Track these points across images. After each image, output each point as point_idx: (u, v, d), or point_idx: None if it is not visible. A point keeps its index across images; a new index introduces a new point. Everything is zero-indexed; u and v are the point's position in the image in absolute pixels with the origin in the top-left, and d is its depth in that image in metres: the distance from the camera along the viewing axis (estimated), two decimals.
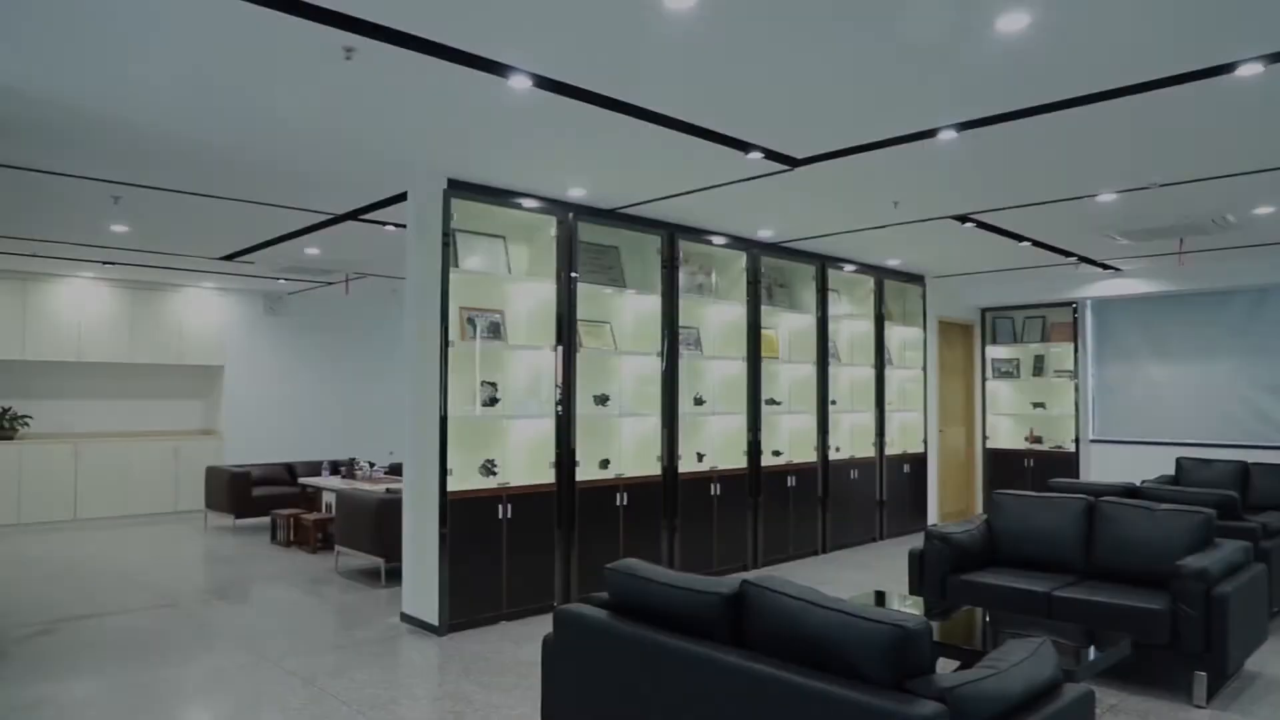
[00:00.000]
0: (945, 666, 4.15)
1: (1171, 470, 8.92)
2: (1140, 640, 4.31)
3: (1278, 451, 8.92)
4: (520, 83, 3.86)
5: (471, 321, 5.92)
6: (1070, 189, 5.85)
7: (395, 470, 9.20)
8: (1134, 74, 3.79)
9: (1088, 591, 4.64)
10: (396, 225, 6.97)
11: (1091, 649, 3.81)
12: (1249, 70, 3.71)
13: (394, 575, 6.88)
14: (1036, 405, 10.77)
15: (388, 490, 7.18)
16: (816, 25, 3.30)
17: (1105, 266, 9.22)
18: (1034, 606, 4.69)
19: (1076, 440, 10.25)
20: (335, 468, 9.51)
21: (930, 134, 4.63)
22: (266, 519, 9.51)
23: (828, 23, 3.28)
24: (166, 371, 10.99)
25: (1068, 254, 8.43)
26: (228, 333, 11.21)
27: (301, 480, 9.32)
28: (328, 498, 8.54)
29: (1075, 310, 10.33)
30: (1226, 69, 3.71)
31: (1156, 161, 5.18)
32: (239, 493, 9.39)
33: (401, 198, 6.05)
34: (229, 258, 8.64)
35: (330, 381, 12.05)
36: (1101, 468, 10.14)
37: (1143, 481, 7.68)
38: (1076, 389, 10.29)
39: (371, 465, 9.01)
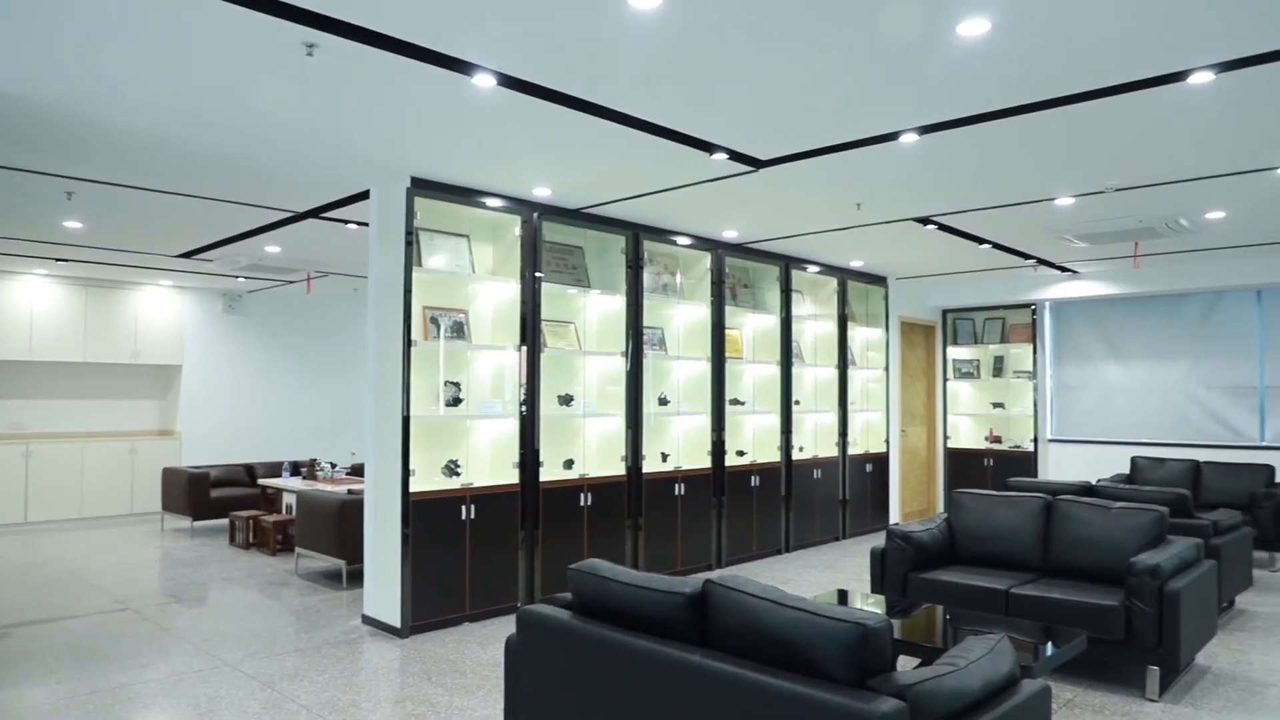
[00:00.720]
0: (907, 664, 4.21)
1: (1127, 469, 9.11)
2: (1096, 636, 4.40)
3: (1229, 451, 9.14)
4: (484, 81, 3.84)
5: (435, 321, 5.88)
6: (1029, 193, 5.94)
7: (357, 471, 9.12)
8: (1090, 80, 3.85)
9: (1045, 589, 4.71)
10: (359, 223, 6.91)
11: (1049, 645, 3.87)
12: (1200, 78, 3.79)
13: (355, 577, 6.82)
14: (996, 405, 10.93)
15: (349, 491, 7.11)
16: (781, 28, 3.32)
17: (1063, 269, 9.38)
18: (993, 604, 4.76)
19: (1035, 440, 10.41)
20: (296, 469, 9.39)
21: (893, 137, 4.68)
22: (225, 521, 9.38)
23: (792, 25, 3.30)
24: (122, 371, 10.79)
25: (1027, 256, 8.56)
26: (186, 332, 11.03)
27: (261, 481, 9.19)
28: (288, 499, 8.43)
29: (1034, 312, 10.49)
30: (1179, 77, 3.79)
31: (1112, 166, 5.27)
32: (197, 494, 9.24)
33: (364, 196, 6.00)
34: (187, 255, 8.49)
35: (291, 381, 11.90)
36: (1059, 467, 10.31)
37: (1099, 480, 7.84)
38: (1035, 389, 10.46)
39: (333, 466, 8.91)
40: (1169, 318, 9.68)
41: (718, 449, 7.61)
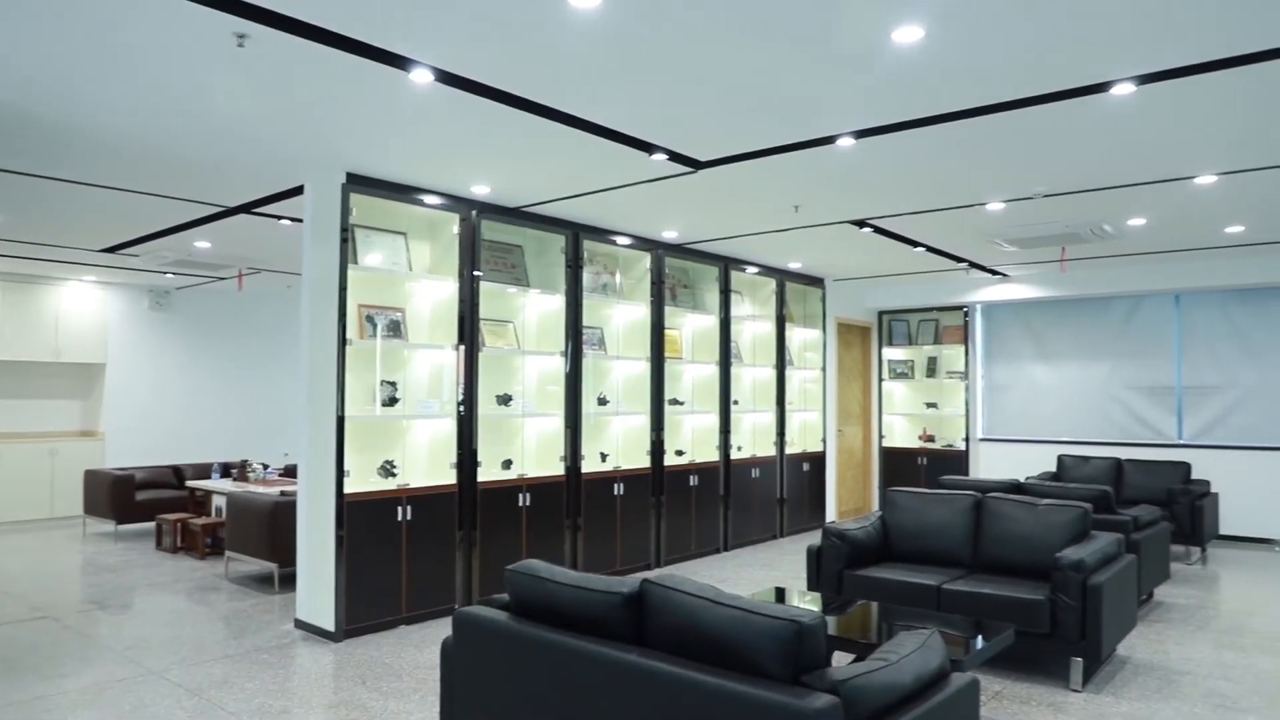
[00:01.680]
0: (843, 659, 4.27)
1: (1054, 467, 9.38)
2: (1023, 629, 4.52)
3: (1148, 449, 9.48)
4: (422, 76, 3.79)
5: (371, 320, 5.79)
6: (962, 197, 6.08)
7: (290, 472, 8.93)
8: (1019, 89, 3.96)
9: (975, 584, 4.83)
10: (293, 219, 6.76)
11: (979, 639, 3.96)
12: (1122, 90, 3.92)
13: (288, 580, 6.67)
14: (930, 405, 11.16)
15: (282, 493, 6.96)
16: (719, 30, 3.34)
17: (994, 272, 9.63)
18: (925, 599, 4.86)
19: (967, 439, 10.66)
20: (226, 470, 9.15)
21: (830, 140, 4.74)
22: (151, 524, 9.09)
23: (730, 28, 3.32)
24: (42, 369, 10.39)
25: (959, 260, 8.76)
26: (110, 329, 10.66)
27: (190, 483, 8.94)
28: (218, 501, 8.21)
29: (966, 314, 10.74)
30: (1102, 88, 3.91)
31: (1040, 173, 5.43)
32: (121, 497, 8.94)
33: (298, 191, 5.88)
34: (112, 250, 8.22)
35: (222, 381, 11.59)
36: (990, 465, 10.58)
37: (1027, 478, 8.06)
38: (967, 389, 10.71)
39: (265, 467, 8.71)
40: (1093, 320, 10.00)
41: (657, 449, 7.64)
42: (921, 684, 2.64)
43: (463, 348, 6.00)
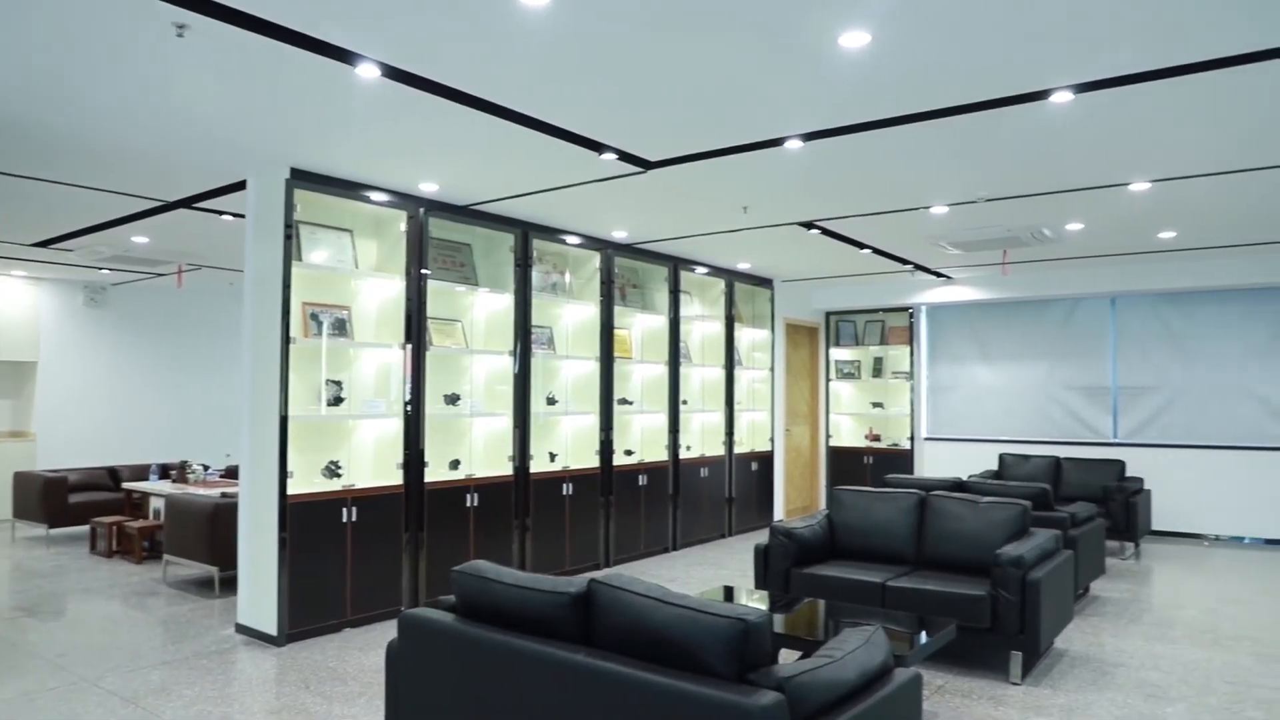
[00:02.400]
0: (790, 657, 4.31)
1: (995, 465, 9.58)
2: (965, 624, 4.60)
3: (1086, 447, 9.73)
4: (368, 71, 3.74)
5: (315, 318, 5.69)
6: (907, 200, 6.18)
7: (232, 473, 8.74)
8: (962, 95, 4.04)
9: (919, 581, 4.91)
10: (235, 215, 6.62)
11: (922, 634, 4.03)
12: (1061, 98, 4.02)
13: (229, 584, 6.53)
14: (876, 405, 11.33)
15: (223, 494, 6.81)
16: (668, 31, 3.35)
17: (938, 274, 9.80)
18: (870, 596, 4.93)
19: (912, 438, 10.84)
20: (165, 471, 8.93)
21: (778, 143, 4.79)
22: (85, 528, 8.83)
23: (679, 29, 3.33)
24: None
25: (904, 262, 8.90)
26: (42, 326, 10.33)
27: (126, 485, 8.70)
28: (156, 503, 8.01)
29: (911, 315, 10.93)
30: (1042, 95, 4.01)
31: (982, 178, 5.54)
32: (53, 499, 8.67)
33: (241, 186, 5.75)
34: (44, 244, 7.96)
35: (161, 380, 11.31)
36: (934, 464, 10.77)
37: (969, 476, 8.21)
38: (912, 389, 10.89)
39: (206, 468, 8.52)
40: (1033, 322, 10.23)
41: (606, 448, 7.63)
42: (865, 680, 2.68)
43: (410, 347, 5.93)
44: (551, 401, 7.38)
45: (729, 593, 4.88)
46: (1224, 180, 5.53)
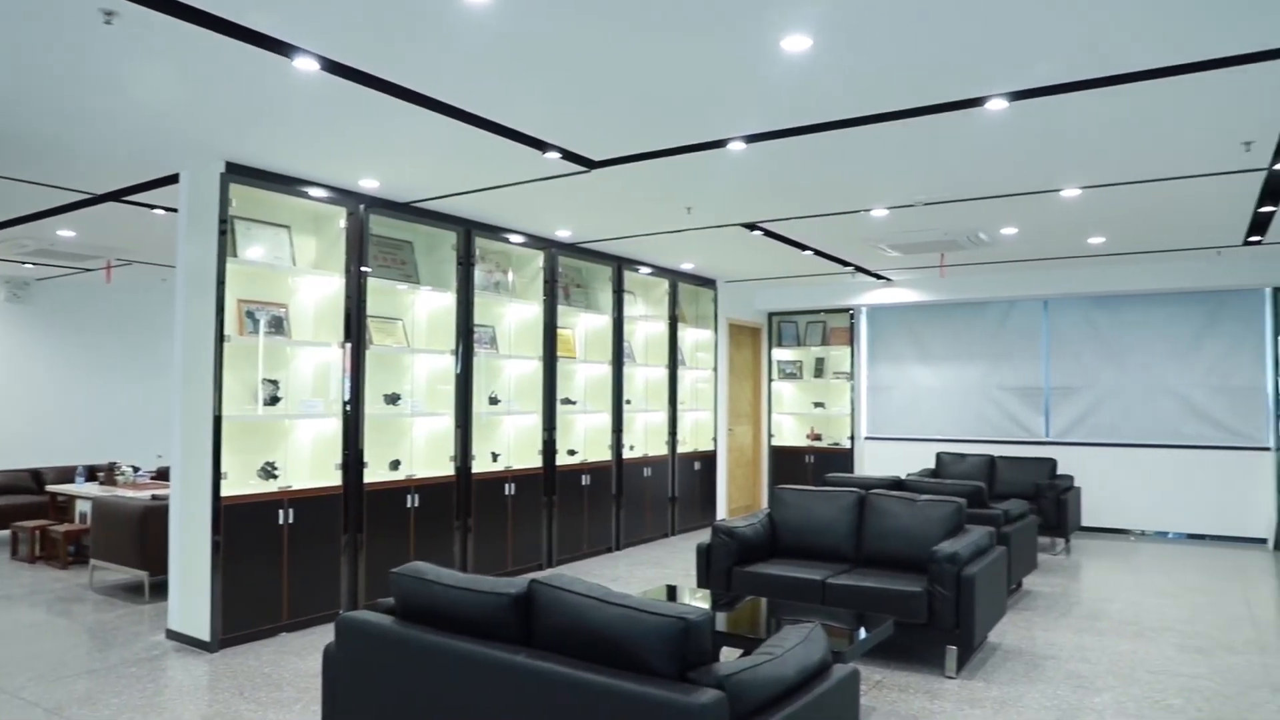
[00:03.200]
0: (732, 655, 4.34)
1: (933, 464, 9.77)
2: (902, 620, 4.69)
3: (1019, 446, 9.98)
4: (306, 64, 3.66)
5: (251, 315, 5.57)
6: (847, 203, 6.27)
7: (163, 475, 8.50)
8: (901, 101, 4.11)
9: (858, 578, 4.98)
10: (167, 209, 6.43)
11: (861, 631, 4.09)
12: (996, 105, 4.12)
13: (159, 590, 6.34)
14: (817, 405, 11.47)
15: (154, 497, 6.62)
16: (612, 30, 3.35)
17: (878, 276, 9.96)
18: (810, 594, 4.99)
19: (852, 437, 11.00)
20: (92, 473, 8.65)
21: (721, 144, 4.82)
22: (6, 533, 8.51)
23: (622, 29, 3.33)
24: None
25: (845, 264, 9.03)
26: None
27: (51, 488, 8.41)
28: (82, 506, 7.75)
29: (852, 316, 11.09)
30: (978, 102, 4.10)
31: (921, 182, 5.64)
32: None
33: (173, 179, 5.59)
34: None
35: (88, 378, 10.94)
36: (874, 463, 10.94)
37: (908, 475, 8.37)
38: (852, 389, 11.05)
39: (135, 470, 8.27)
40: (970, 324, 10.46)
41: (549, 448, 7.60)
42: (804, 676, 2.71)
43: (349, 345, 5.84)
44: (494, 401, 7.33)
45: (672, 592, 4.90)
46: (1148, 188, 5.72)
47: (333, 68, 3.71)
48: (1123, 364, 9.56)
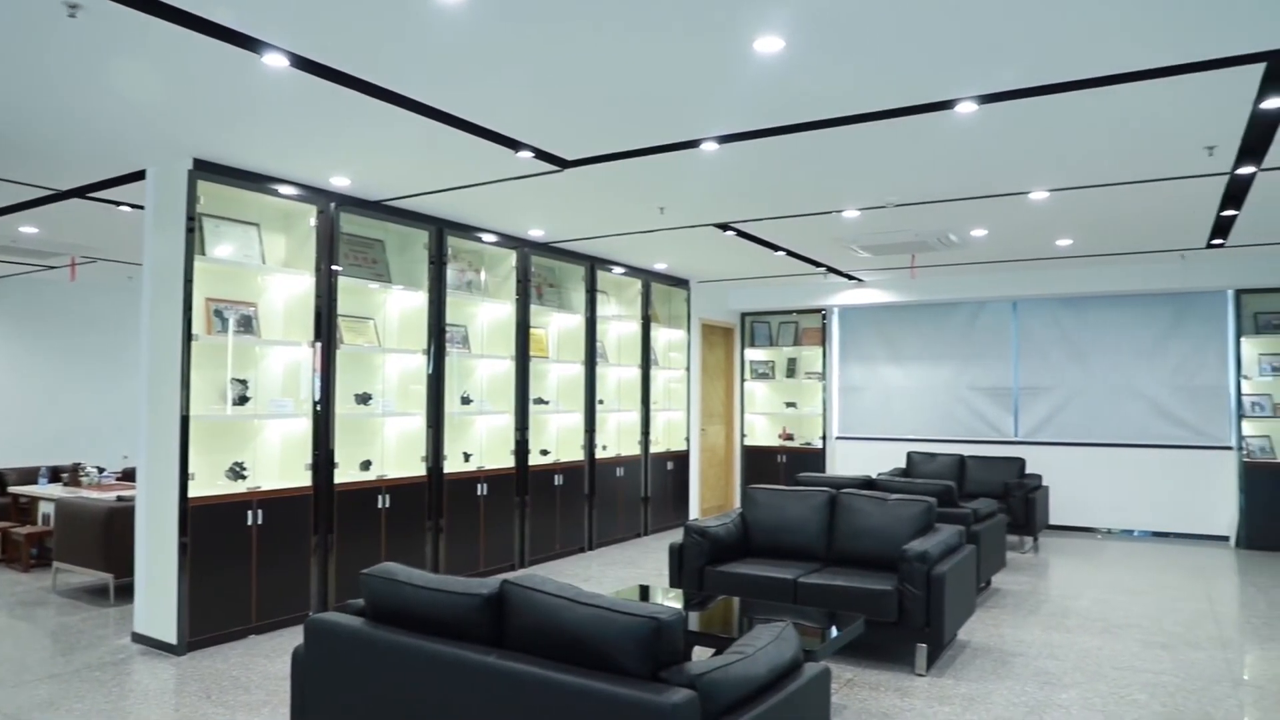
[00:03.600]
0: (705, 654, 4.34)
1: (904, 463, 9.85)
2: (873, 618, 4.72)
3: (989, 445, 10.09)
4: (276, 61, 3.62)
5: (220, 314, 5.50)
6: (820, 204, 6.30)
7: (129, 476, 8.38)
8: (872, 103, 4.13)
9: (829, 577, 5.01)
10: (133, 206, 6.34)
11: (832, 629, 4.12)
12: (965, 108, 4.16)
13: (125, 592, 6.25)
14: (789, 405, 11.52)
15: (119, 498, 6.52)
16: (585, 30, 3.34)
17: (850, 277, 10.03)
18: (782, 593, 5.01)
19: (824, 437, 11.06)
20: (56, 474, 8.50)
21: (694, 144, 4.82)
22: None
23: (596, 28, 3.33)
24: None
25: (818, 264, 9.08)
26: None
27: (13, 489, 8.25)
28: (45, 508, 7.62)
29: (824, 316, 11.15)
30: (948, 105, 4.14)
31: (892, 184, 5.68)
32: None
33: (140, 175, 5.51)
34: None
35: (52, 378, 10.75)
36: (845, 462, 11.01)
37: (879, 474, 8.43)
38: (824, 390, 11.11)
39: (100, 471, 8.14)
40: (940, 325, 10.56)
41: (521, 448, 7.58)
42: (776, 675, 2.72)
43: (319, 345, 5.78)
44: (466, 401, 7.29)
45: (644, 591, 4.90)
46: (1114, 191, 5.80)
47: (303, 64, 3.67)
48: (1090, 364, 9.69)
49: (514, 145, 4.85)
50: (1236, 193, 5.78)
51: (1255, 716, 4.14)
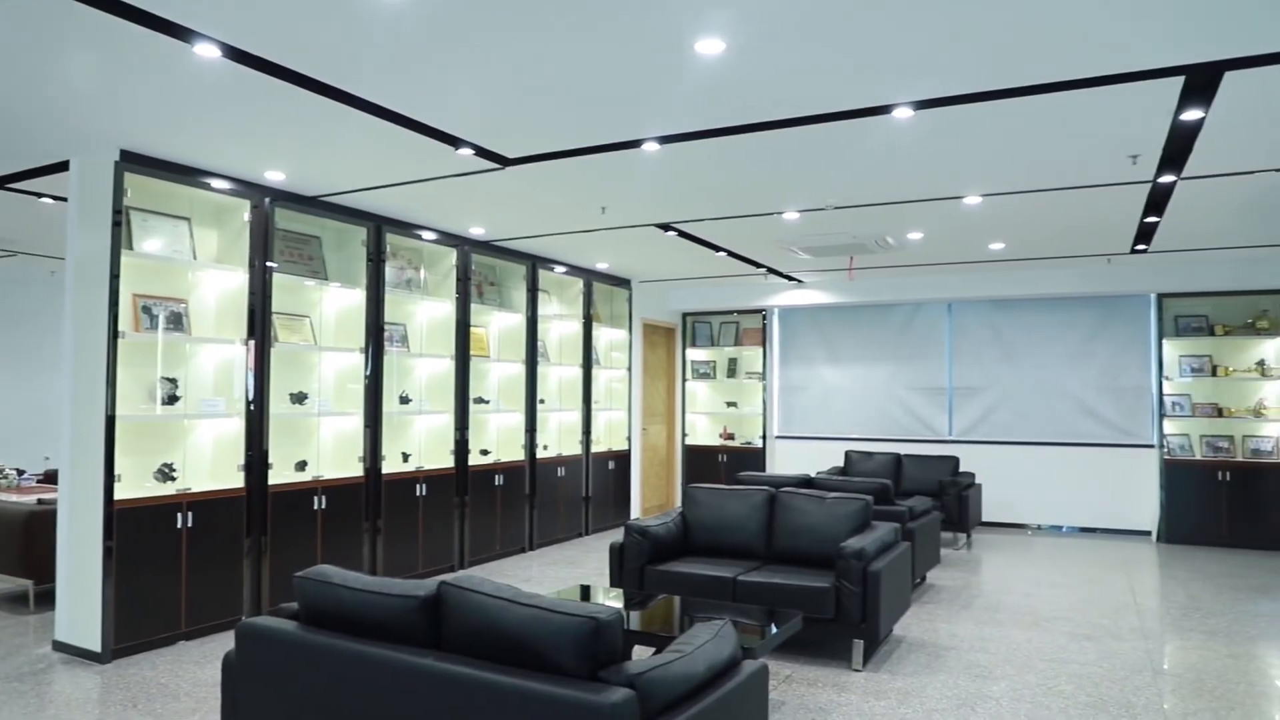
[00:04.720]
0: (645, 653, 4.35)
1: (842, 462, 9.99)
2: (811, 615, 4.78)
3: (924, 444, 10.29)
4: (208, 51, 3.53)
5: (148, 311, 5.34)
6: (760, 205, 6.36)
7: (51, 478, 8.08)
8: (811, 106, 4.19)
9: (768, 575, 5.06)
10: (56, 198, 6.12)
11: (771, 626, 4.16)
12: (902, 113, 4.24)
13: (46, 599, 6.03)
14: (730, 404, 11.61)
15: (40, 501, 6.28)
16: (525, 29, 3.32)
17: (790, 278, 10.14)
18: (722, 591, 5.04)
19: (764, 436, 11.17)
20: None
21: (636, 144, 4.83)
22: None
23: (536, 27, 3.31)
24: None
25: (758, 265, 9.17)
26: None
27: None
28: None
29: (764, 317, 11.26)
30: (885, 110, 4.21)
31: (831, 186, 5.76)
32: None
33: (63, 167, 5.32)
34: None
35: None
36: (785, 461, 11.13)
37: (817, 473, 8.54)
38: (764, 389, 11.23)
39: (20, 473, 7.84)
40: (877, 326, 10.74)
41: (461, 448, 7.51)
42: (714, 672, 2.74)
43: (253, 343, 5.65)
44: (405, 400, 7.20)
45: (585, 591, 4.89)
46: (1042, 197, 5.97)
47: (236, 55, 3.58)
48: (1021, 365, 9.96)
49: (454, 142, 4.80)
50: (1159, 200, 5.99)
51: (1173, 704, 4.30)
